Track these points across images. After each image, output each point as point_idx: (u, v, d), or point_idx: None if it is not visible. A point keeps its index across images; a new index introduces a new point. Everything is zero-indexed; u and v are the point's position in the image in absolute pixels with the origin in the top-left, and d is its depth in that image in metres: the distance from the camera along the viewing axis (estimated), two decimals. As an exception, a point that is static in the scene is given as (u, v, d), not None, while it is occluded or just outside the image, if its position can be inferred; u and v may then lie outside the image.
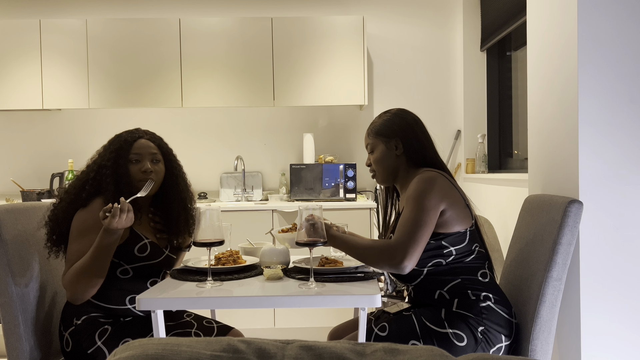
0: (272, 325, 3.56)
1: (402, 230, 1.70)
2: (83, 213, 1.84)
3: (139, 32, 3.79)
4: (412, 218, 1.70)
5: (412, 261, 1.67)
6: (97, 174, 1.88)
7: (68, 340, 1.82)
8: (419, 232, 1.68)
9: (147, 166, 1.90)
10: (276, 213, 3.60)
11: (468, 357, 0.80)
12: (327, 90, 3.81)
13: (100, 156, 1.92)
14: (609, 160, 1.78)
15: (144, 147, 1.92)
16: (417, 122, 1.94)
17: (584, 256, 1.78)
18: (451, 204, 1.74)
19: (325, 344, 0.83)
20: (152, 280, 1.93)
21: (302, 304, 1.60)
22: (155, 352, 0.76)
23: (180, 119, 4.17)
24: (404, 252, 1.66)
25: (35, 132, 4.15)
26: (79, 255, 1.79)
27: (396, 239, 1.69)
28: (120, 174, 1.87)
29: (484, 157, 3.65)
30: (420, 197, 1.72)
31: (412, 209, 1.72)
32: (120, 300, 1.85)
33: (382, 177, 1.94)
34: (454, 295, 1.73)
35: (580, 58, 1.78)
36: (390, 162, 1.91)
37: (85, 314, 1.83)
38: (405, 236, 1.68)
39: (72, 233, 1.83)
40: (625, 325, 1.78)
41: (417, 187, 1.75)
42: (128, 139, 1.92)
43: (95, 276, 1.77)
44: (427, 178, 1.76)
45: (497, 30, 3.54)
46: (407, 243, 1.67)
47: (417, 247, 1.68)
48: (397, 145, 1.90)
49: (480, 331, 1.68)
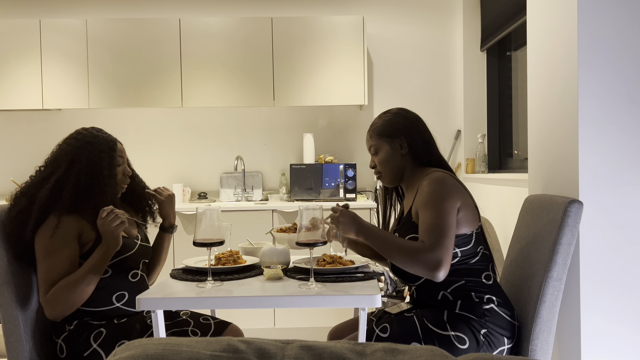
0: (272, 325, 3.56)
1: (430, 237, 1.65)
2: (45, 231, 1.77)
3: (139, 32, 3.79)
4: (437, 224, 1.66)
5: (447, 268, 1.64)
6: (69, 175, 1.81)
7: (62, 346, 1.80)
8: (448, 237, 1.65)
9: (129, 169, 1.95)
10: (276, 213, 3.60)
11: (468, 357, 0.80)
12: (327, 90, 3.81)
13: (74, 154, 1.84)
14: (609, 160, 1.78)
15: (123, 149, 1.95)
16: (418, 120, 1.92)
17: (584, 256, 1.78)
18: (463, 205, 1.73)
19: (325, 344, 0.83)
20: (133, 273, 1.91)
21: (302, 304, 1.60)
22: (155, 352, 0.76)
23: (180, 119, 4.17)
24: (439, 261, 1.62)
25: (35, 132, 4.15)
26: (57, 272, 1.74)
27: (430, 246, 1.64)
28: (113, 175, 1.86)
29: (484, 157, 3.65)
30: (439, 200, 1.69)
31: (433, 213, 1.68)
32: (108, 300, 1.84)
33: (389, 178, 1.91)
34: (457, 296, 1.72)
35: (580, 58, 1.78)
36: (396, 162, 1.88)
37: (76, 318, 1.81)
38: (436, 244, 1.63)
39: (40, 252, 1.77)
40: (625, 325, 1.78)
41: (432, 190, 1.72)
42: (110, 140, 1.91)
43: (91, 285, 1.75)
44: (439, 179, 1.74)
45: (497, 30, 3.54)
46: (441, 251, 1.62)
47: (449, 253, 1.64)
48: (402, 144, 1.87)
49: (482, 334, 1.67)
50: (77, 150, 1.85)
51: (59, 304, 1.73)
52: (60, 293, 1.72)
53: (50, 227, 1.77)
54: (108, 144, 1.87)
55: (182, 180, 4.15)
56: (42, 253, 1.76)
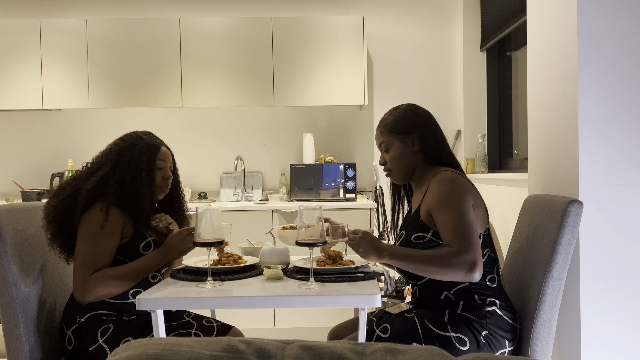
0: (272, 325, 3.56)
1: (457, 240, 1.62)
2: (93, 215, 1.83)
3: (139, 32, 3.79)
4: (459, 225, 1.63)
5: (481, 266, 1.62)
6: (114, 173, 1.87)
7: (71, 338, 1.83)
8: (474, 236, 1.63)
9: (170, 174, 1.97)
10: (276, 213, 3.60)
11: (468, 357, 0.80)
12: (327, 90, 3.81)
13: (118, 154, 1.90)
14: (609, 160, 1.78)
15: (167, 154, 1.98)
16: (430, 116, 1.88)
17: (584, 256, 1.78)
18: (475, 205, 1.72)
19: (325, 344, 0.83)
20: (153, 275, 1.96)
21: (302, 304, 1.60)
22: (155, 352, 0.76)
23: (180, 119, 4.17)
24: (473, 261, 1.59)
25: (35, 132, 4.15)
26: (100, 257, 1.81)
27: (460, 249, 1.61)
28: (151, 177, 1.90)
29: (484, 157, 3.65)
30: (455, 200, 1.67)
31: (453, 214, 1.65)
32: (125, 294, 1.88)
33: (400, 175, 1.87)
34: (460, 297, 1.71)
35: (580, 58, 1.78)
36: (408, 160, 1.84)
37: (89, 311, 1.84)
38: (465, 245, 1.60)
39: (85, 235, 1.82)
40: (625, 325, 1.78)
41: (446, 190, 1.69)
42: (153, 144, 1.94)
43: (132, 283, 1.85)
44: (450, 179, 1.71)
45: (497, 30, 3.54)
46: (472, 252, 1.60)
47: (480, 250, 1.62)
48: (414, 141, 1.83)
49: (483, 335, 1.66)
50: (121, 151, 1.91)
51: (99, 290, 1.79)
52: (103, 280, 1.79)
53: (99, 213, 1.83)
54: (150, 147, 1.92)
55: (182, 180, 4.12)
56: (87, 236, 1.82)
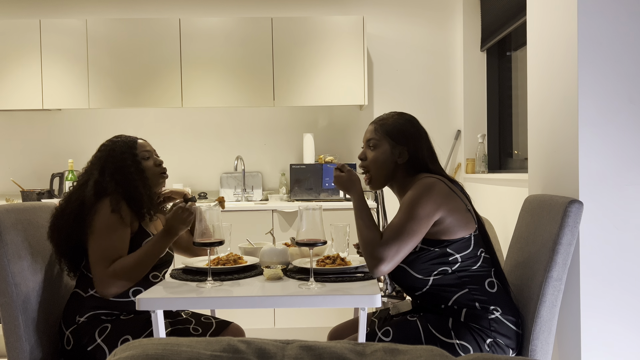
0: (272, 325, 3.56)
1: (388, 235, 1.66)
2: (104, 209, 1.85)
3: (139, 32, 3.79)
4: (400, 225, 1.66)
5: (388, 267, 1.65)
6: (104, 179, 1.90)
7: (69, 338, 1.83)
8: (404, 240, 1.65)
9: (160, 159, 2.04)
10: (276, 213, 3.60)
11: (468, 357, 0.80)
12: (327, 90, 3.81)
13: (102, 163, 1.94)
14: (609, 160, 1.78)
15: (146, 144, 2.04)
16: (427, 135, 1.87)
17: (584, 256, 1.78)
18: (450, 211, 1.69)
19: (325, 344, 0.83)
20: (154, 274, 1.97)
21: (302, 304, 1.60)
22: (155, 352, 0.76)
23: (180, 119, 4.17)
24: (382, 258, 1.63)
25: (35, 132, 4.15)
26: (116, 250, 1.83)
27: (383, 242, 1.66)
28: (140, 169, 1.94)
29: (484, 157, 3.65)
30: (413, 205, 1.67)
31: (403, 215, 1.68)
32: (125, 293, 1.88)
33: (376, 179, 1.86)
34: (462, 306, 1.70)
35: (580, 58, 1.78)
36: (388, 168, 1.83)
37: (89, 311, 1.85)
38: (390, 241, 1.65)
39: (99, 229, 1.83)
40: (625, 325, 1.78)
41: (413, 194, 1.70)
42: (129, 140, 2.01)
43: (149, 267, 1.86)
44: (426, 184, 1.71)
45: (497, 30, 3.54)
46: (389, 251, 1.64)
47: (397, 256, 1.65)
48: (402, 154, 1.81)
49: (488, 343, 1.66)
50: (103, 159, 1.95)
51: (120, 279, 1.81)
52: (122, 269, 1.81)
53: (109, 208, 1.84)
54: (127, 144, 1.98)
55: (182, 180, 4.15)
56: (102, 229, 1.83)
